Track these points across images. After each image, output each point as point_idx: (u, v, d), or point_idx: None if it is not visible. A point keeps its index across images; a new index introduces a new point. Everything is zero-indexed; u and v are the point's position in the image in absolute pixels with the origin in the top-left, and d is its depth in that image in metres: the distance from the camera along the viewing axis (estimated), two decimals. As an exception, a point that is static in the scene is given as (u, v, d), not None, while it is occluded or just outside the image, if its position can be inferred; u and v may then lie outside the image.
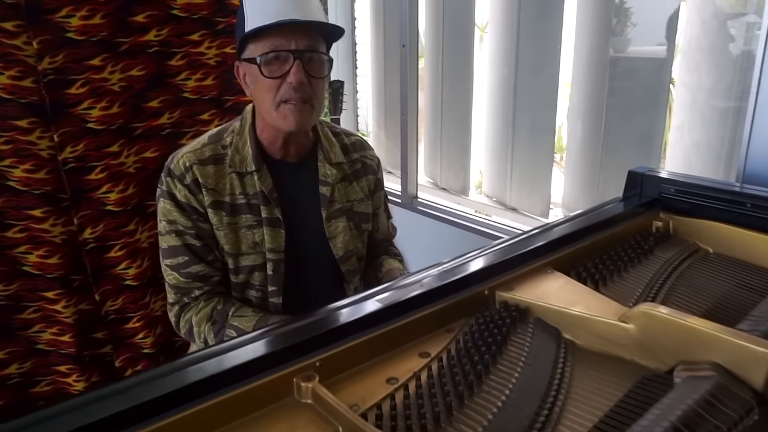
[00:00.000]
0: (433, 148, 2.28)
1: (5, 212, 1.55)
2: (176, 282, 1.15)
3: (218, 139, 1.17)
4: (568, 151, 1.94)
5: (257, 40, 1.05)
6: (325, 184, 1.20)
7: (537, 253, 0.88)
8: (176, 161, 1.14)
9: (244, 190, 1.13)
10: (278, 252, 1.15)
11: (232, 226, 1.13)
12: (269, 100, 1.07)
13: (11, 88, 1.49)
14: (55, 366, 1.72)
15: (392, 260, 1.33)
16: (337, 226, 1.21)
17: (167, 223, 1.14)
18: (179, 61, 1.75)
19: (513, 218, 2.07)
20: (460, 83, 2.14)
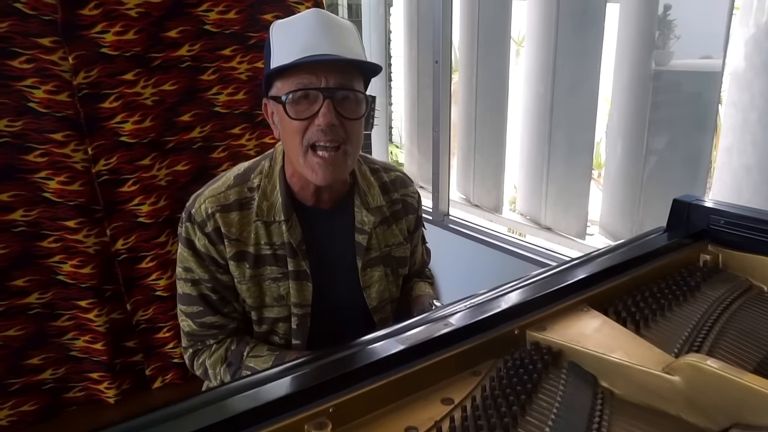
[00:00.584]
0: (466, 164, 2.23)
1: (41, 223, 1.58)
2: (190, 329, 1.08)
3: (245, 181, 1.05)
4: (607, 170, 1.87)
5: (284, 77, 0.95)
6: (361, 233, 1.09)
7: (572, 289, 0.82)
8: (198, 206, 1.03)
9: (270, 239, 1.03)
10: (304, 306, 1.06)
11: (256, 278, 1.04)
12: (296, 144, 0.95)
13: (47, 102, 1.52)
14: (87, 373, 1.75)
15: (423, 284, 1.26)
16: (372, 275, 1.11)
17: (183, 270, 1.06)
18: (211, 76, 1.76)
19: (548, 238, 2.00)
20: (495, 98, 2.09)
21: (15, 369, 1.62)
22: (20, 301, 1.59)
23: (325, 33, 0.94)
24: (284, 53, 0.94)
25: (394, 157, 4.15)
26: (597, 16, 1.74)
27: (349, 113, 0.95)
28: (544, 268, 0.89)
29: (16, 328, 1.60)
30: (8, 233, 1.55)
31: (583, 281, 0.84)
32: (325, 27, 0.95)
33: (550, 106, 1.89)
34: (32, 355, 1.64)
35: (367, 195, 1.10)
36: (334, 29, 0.95)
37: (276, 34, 0.98)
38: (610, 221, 1.86)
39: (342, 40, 0.95)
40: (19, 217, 1.55)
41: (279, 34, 0.97)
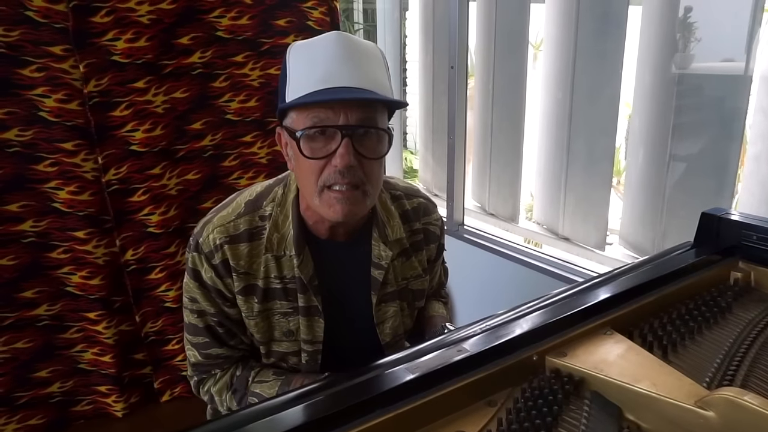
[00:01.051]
0: (482, 172, 2.18)
1: (50, 233, 1.57)
2: (196, 360, 1.03)
3: (256, 208, 0.98)
4: (628, 178, 1.81)
5: (299, 110, 0.87)
6: (378, 267, 1.01)
7: (594, 310, 0.77)
8: (206, 235, 0.96)
9: (280, 273, 0.96)
10: (315, 343, 1.00)
11: (264, 313, 0.98)
12: (311, 183, 0.88)
13: (58, 111, 1.51)
14: (95, 386, 1.73)
15: (437, 304, 1.20)
16: (387, 311, 1.04)
17: (189, 300, 1.00)
18: (222, 83, 1.74)
19: (565, 248, 1.94)
20: (512, 104, 2.04)
21: (23, 382, 1.60)
22: (29, 313, 1.58)
23: (347, 61, 0.85)
24: (301, 82, 0.86)
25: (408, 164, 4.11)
26: (619, 19, 1.68)
27: (369, 152, 0.87)
28: (563, 288, 0.84)
29: (24, 340, 1.58)
30: (17, 244, 1.53)
31: (605, 302, 0.79)
32: (346, 53, 0.86)
33: (569, 112, 1.83)
34: (40, 368, 1.62)
35: (386, 227, 1.02)
36: (356, 56, 0.86)
37: (293, 59, 0.89)
38: (630, 231, 1.79)
39: (365, 70, 0.87)
40: (29, 228, 1.54)
41: (296, 60, 0.89)
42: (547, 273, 1.74)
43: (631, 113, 1.73)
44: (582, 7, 1.76)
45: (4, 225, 1.51)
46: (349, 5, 3.42)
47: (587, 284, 0.85)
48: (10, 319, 1.55)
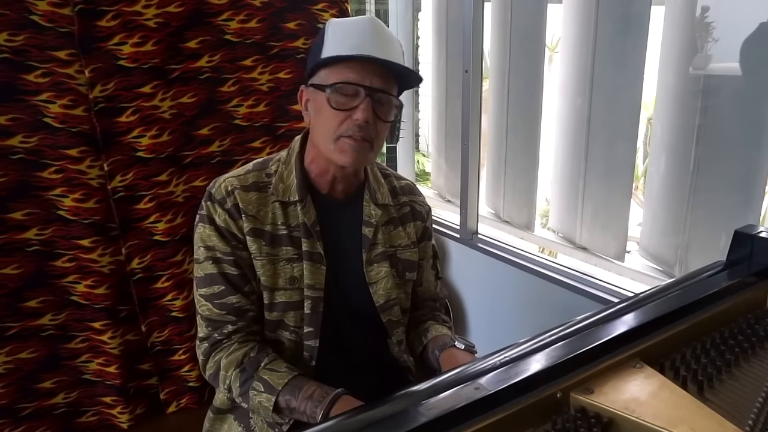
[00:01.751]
0: (496, 178, 2.12)
1: (55, 242, 1.54)
2: (209, 314, 1.07)
3: (263, 167, 1.11)
4: (649, 186, 1.74)
5: (331, 68, 1.00)
6: (368, 225, 1.12)
7: (621, 340, 0.72)
8: (218, 185, 1.08)
9: (286, 220, 1.07)
10: (317, 289, 1.07)
11: (271, 257, 1.06)
12: (330, 131, 1.01)
13: (63, 117, 1.47)
14: (100, 397, 1.70)
15: (440, 326, 1.19)
16: (378, 272, 1.12)
17: (205, 249, 1.07)
18: (231, 87, 1.70)
19: (583, 258, 1.87)
20: (528, 108, 1.97)
21: (27, 393, 1.57)
22: (33, 323, 1.55)
23: (377, 39, 1.00)
24: (337, 47, 0.99)
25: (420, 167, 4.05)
26: (640, 19, 1.61)
27: (383, 115, 1.01)
28: (585, 315, 0.78)
29: (28, 350, 1.55)
30: (22, 252, 1.50)
31: (633, 331, 0.73)
32: (377, 33, 1.01)
33: (587, 117, 1.77)
34: (44, 379, 1.59)
35: (376, 192, 1.14)
36: (385, 38, 1.02)
37: (332, 28, 1.03)
38: (651, 242, 1.72)
39: (390, 49, 1.01)
40: (33, 236, 1.51)
41: (335, 29, 1.02)
42: (564, 286, 1.68)
43: (651, 118, 1.66)
44: (602, 7, 1.70)
45: (9, 233, 1.48)
46: (362, 6, 3.37)
47: (612, 310, 0.80)
48: (14, 328, 1.53)
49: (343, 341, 1.13)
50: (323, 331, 1.07)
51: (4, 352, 1.52)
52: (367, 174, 1.14)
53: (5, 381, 1.54)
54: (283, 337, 1.09)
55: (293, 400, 0.98)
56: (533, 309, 1.79)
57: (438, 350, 1.10)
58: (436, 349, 1.11)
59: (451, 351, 1.07)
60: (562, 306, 1.70)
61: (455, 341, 1.08)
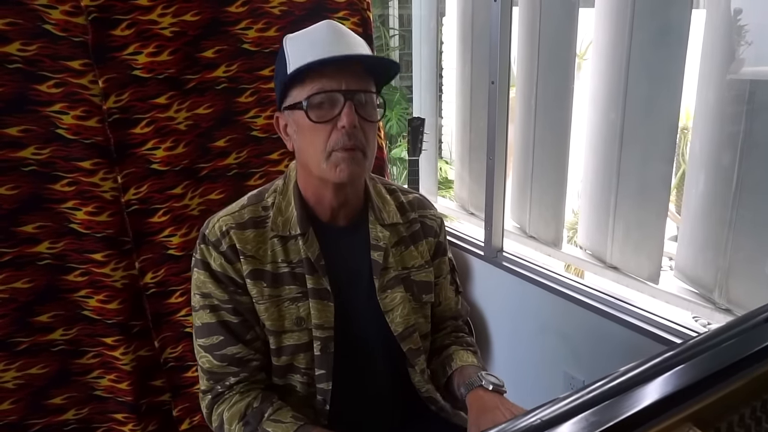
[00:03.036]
0: (522, 191, 2.03)
1: (67, 255, 1.50)
2: (210, 366, 1.01)
3: (259, 200, 1.03)
4: (687, 204, 1.64)
5: (302, 85, 0.94)
6: (377, 249, 1.03)
7: (670, 402, 0.64)
8: (212, 226, 1.00)
9: (287, 257, 0.99)
10: (327, 329, 0.99)
11: (274, 299, 0.98)
12: (318, 150, 0.94)
13: (76, 128, 1.44)
14: (112, 413, 1.66)
15: (464, 353, 1.11)
16: (393, 298, 1.04)
17: (201, 296, 1.00)
18: (248, 98, 1.65)
19: (614, 278, 1.78)
20: (556, 118, 1.89)
21: (37, 409, 1.54)
22: (44, 338, 1.52)
23: (338, 39, 0.94)
24: (299, 60, 0.93)
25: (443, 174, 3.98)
26: (680, 24, 1.51)
27: (368, 116, 0.95)
28: (623, 369, 0.70)
29: (39, 366, 1.52)
30: (33, 266, 1.47)
31: (684, 391, 0.65)
32: (339, 36, 0.95)
33: (620, 130, 1.67)
34: (55, 395, 1.56)
35: (382, 211, 1.06)
36: (348, 38, 0.96)
37: (290, 45, 0.97)
38: (689, 264, 1.63)
39: (355, 46, 0.95)
40: (45, 250, 1.48)
41: (293, 45, 0.97)
42: (595, 310, 1.59)
43: (685, 128, 1.57)
44: (638, 11, 1.60)
45: (20, 246, 1.45)
46: (385, 11, 3.32)
47: (655, 362, 0.71)
48: (24, 344, 1.50)
49: (358, 378, 1.06)
50: (336, 371, 1.00)
51: (14, 367, 1.49)
52: (369, 193, 1.07)
53: (15, 396, 1.51)
54: (294, 380, 1.02)
55: None
56: (561, 334, 1.70)
57: (464, 388, 1.02)
58: (461, 386, 1.03)
59: (478, 393, 0.99)
60: (592, 332, 1.61)
61: (482, 380, 0.99)
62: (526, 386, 1.85)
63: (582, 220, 1.93)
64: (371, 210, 1.05)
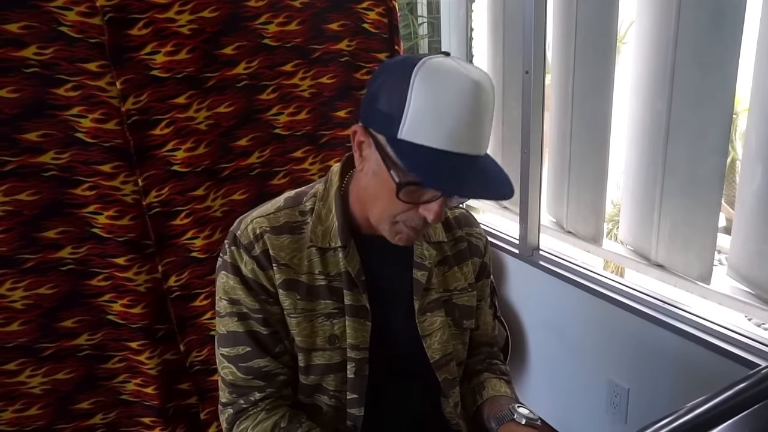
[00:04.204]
0: (559, 184, 1.93)
1: (89, 260, 1.48)
2: (233, 378, 0.94)
3: (296, 203, 0.95)
4: (741, 199, 1.51)
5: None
6: (420, 268, 0.95)
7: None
8: (244, 227, 0.93)
9: (325, 268, 0.91)
10: (362, 350, 0.92)
11: (308, 313, 0.91)
12: (386, 213, 0.85)
13: (95, 132, 1.40)
14: (139, 417, 1.64)
15: (497, 382, 1.03)
16: (433, 322, 0.96)
17: (229, 302, 0.93)
18: (270, 95, 1.59)
19: (659, 277, 1.67)
20: (596, 107, 1.77)
21: (64, 414, 1.53)
22: (69, 343, 1.50)
23: (477, 126, 0.78)
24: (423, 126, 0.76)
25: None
26: (735, 4, 1.38)
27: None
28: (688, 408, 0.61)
29: (65, 371, 1.51)
30: (56, 272, 1.45)
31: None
32: (477, 115, 0.77)
33: (666, 119, 1.55)
34: (82, 399, 1.55)
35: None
36: (485, 119, 0.79)
37: (419, 88, 0.76)
38: (743, 263, 1.50)
39: (487, 134, 0.81)
40: (67, 255, 1.46)
41: (424, 92, 0.76)
42: (638, 314, 1.49)
43: (737, 117, 1.44)
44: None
45: (43, 252, 1.43)
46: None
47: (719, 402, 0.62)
48: (50, 349, 1.48)
49: (389, 405, 0.99)
50: (368, 396, 0.93)
51: (40, 372, 1.48)
52: None
53: (42, 402, 1.50)
54: (322, 402, 0.95)
55: None
56: (603, 338, 1.60)
57: (495, 422, 0.94)
58: (492, 419, 0.95)
59: (510, 428, 0.91)
60: (637, 337, 1.51)
61: (514, 413, 0.91)
62: (566, 395, 1.75)
63: (624, 215, 1.82)
64: None
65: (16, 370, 1.46)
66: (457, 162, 0.76)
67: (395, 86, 0.78)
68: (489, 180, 0.78)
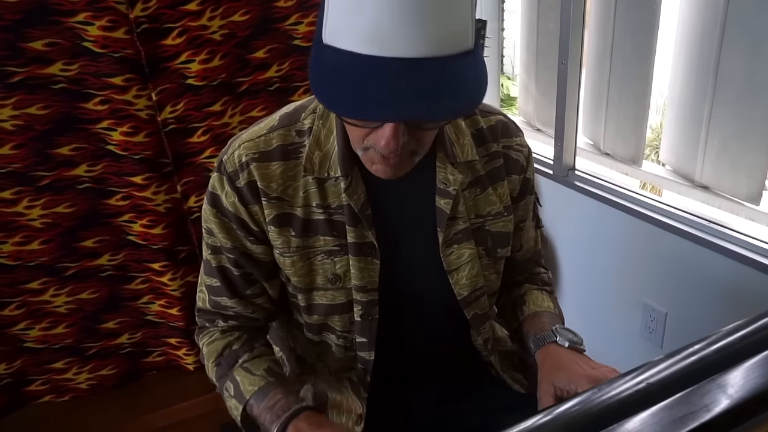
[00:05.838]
0: (597, 103, 1.79)
1: (107, 178, 1.44)
2: (202, 305, 0.88)
3: (293, 121, 0.80)
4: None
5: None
6: (444, 195, 0.81)
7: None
8: (231, 151, 0.79)
9: (323, 201, 0.78)
10: (370, 291, 0.81)
11: (304, 251, 0.79)
12: (352, 135, 0.72)
13: (125, 144, 1.39)
14: (165, 338, 1.66)
15: (539, 294, 0.93)
16: (460, 255, 0.83)
17: (206, 231, 0.84)
18: (301, 96, 1.55)
19: (703, 199, 1.56)
20: (641, 16, 1.62)
21: (91, 333, 1.55)
22: (91, 263, 1.49)
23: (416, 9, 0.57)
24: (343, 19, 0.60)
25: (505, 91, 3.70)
26: None
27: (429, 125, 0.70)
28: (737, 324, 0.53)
29: (88, 291, 1.51)
30: (73, 190, 1.42)
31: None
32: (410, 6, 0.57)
33: (722, 22, 1.40)
34: (107, 319, 1.56)
35: (454, 146, 0.82)
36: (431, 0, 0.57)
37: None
38: (798, 181, 1.39)
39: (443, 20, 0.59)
40: (83, 173, 1.42)
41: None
42: (681, 233, 1.40)
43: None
44: None
45: (58, 170, 1.39)
46: None
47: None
48: (72, 269, 1.47)
49: (407, 346, 0.91)
50: (380, 339, 0.84)
51: (64, 292, 1.48)
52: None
53: (68, 320, 1.52)
54: (331, 341, 0.87)
55: (255, 407, 0.80)
56: (641, 260, 1.52)
57: (534, 343, 0.84)
58: (531, 339, 0.85)
59: (551, 349, 0.82)
60: (678, 258, 1.42)
61: (557, 335, 0.82)
62: (600, 319, 1.70)
63: (666, 134, 1.69)
64: (440, 144, 0.80)
65: (40, 288, 1.46)
66: (385, 70, 0.58)
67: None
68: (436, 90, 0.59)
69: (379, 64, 0.58)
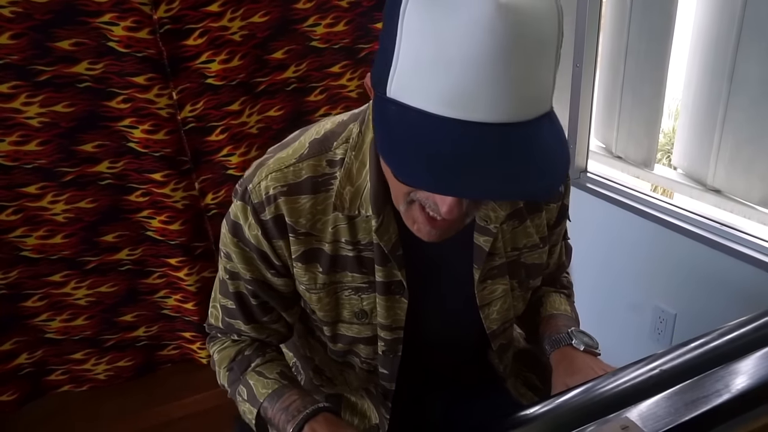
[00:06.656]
0: (610, 107, 1.80)
1: (127, 175, 1.47)
2: (214, 321, 0.88)
3: (324, 150, 0.74)
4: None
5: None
6: (483, 233, 0.76)
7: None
8: (257, 181, 0.73)
9: (353, 237, 0.74)
10: (395, 330, 0.79)
11: (331, 287, 0.77)
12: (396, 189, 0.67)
13: (145, 142, 1.43)
14: (180, 332, 1.69)
15: (556, 297, 0.93)
16: (494, 290, 0.81)
17: (224, 255, 0.80)
18: (318, 96, 1.61)
19: (715, 203, 1.57)
20: (656, 19, 1.63)
21: (109, 325, 1.58)
22: (111, 258, 1.52)
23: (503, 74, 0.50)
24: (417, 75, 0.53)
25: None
26: None
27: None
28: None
29: (108, 284, 1.54)
30: (95, 186, 1.45)
31: None
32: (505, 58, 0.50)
33: (738, 23, 1.41)
34: (125, 312, 1.59)
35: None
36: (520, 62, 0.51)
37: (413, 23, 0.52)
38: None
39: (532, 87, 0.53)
40: (105, 170, 1.45)
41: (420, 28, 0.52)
42: (693, 236, 1.41)
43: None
44: None
45: (81, 166, 1.42)
46: None
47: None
48: (93, 262, 1.51)
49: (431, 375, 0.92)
50: (402, 369, 0.84)
51: (84, 285, 1.52)
52: None
53: (88, 313, 1.55)
54: (354, 363, 0.87)
55: (270, 410, 0.78)
56: (652, 262, 1.54)
57: (550, 344, 0.84)
58: (546, 342, 0.86)
59: (566, 351, 0.82)
60: (689, 260, 1.43)
61: (573, 338, 0.82)
62: (611, 320, 1.71)
63: (680, 137, 1.70)
64: None
65: (61, 281, 1.49)
66: (464, 136, 0.51)
67: (387, 17, 0.56)
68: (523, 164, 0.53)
69: (456, 127, 0.51)
